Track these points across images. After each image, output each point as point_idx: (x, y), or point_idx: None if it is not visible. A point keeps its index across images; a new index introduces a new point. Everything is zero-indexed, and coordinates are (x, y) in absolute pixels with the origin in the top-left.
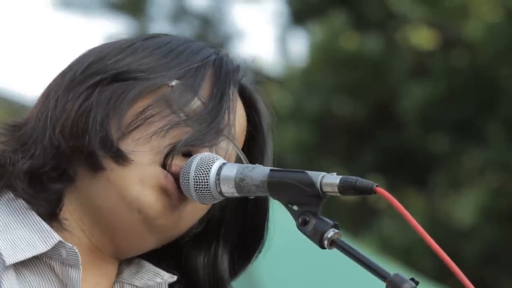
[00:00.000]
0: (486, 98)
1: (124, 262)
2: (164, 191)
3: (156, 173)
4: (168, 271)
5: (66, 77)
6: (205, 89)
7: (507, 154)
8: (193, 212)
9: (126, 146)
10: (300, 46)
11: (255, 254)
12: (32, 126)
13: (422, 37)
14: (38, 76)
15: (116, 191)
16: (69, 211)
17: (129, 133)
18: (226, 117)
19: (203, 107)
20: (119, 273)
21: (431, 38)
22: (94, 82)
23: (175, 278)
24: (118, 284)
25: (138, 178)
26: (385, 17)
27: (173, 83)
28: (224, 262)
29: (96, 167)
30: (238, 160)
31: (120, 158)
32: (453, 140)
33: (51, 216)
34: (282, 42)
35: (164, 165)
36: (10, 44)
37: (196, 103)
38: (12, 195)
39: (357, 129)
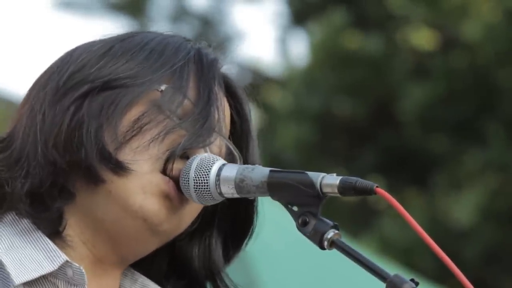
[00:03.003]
0: (486, 98)
1: (129, 280)
2: (166, 196)
3: (157, 180)
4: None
5: (47, 89)
6: (192, 88)
7: (507, 154)
8: (192, 212)
9: (125, 156)
10: (300, 46)
11: (246, 240)
12: (21, 142)
13: (422, 38)
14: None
15: (118, 202)
16: (70, 225)
17: (126, 142)
18: (216, 114)
19: (193, 107)
20: None
21: (431, 38)
22: (81, 93)
23: None
24: None
25: (140, 187)
26: (385, 17)
27: (163, 87)
28: (218, 250)
29: (95, 180)
30: (229, 154)
31: (120, 169)
32: (453, 141)
33: (55, 234)
34: (282, 42)
35: (163, 171)
36: (10, 45)
37: (186, 104)
38: (15, 215)
39: (357, 129)
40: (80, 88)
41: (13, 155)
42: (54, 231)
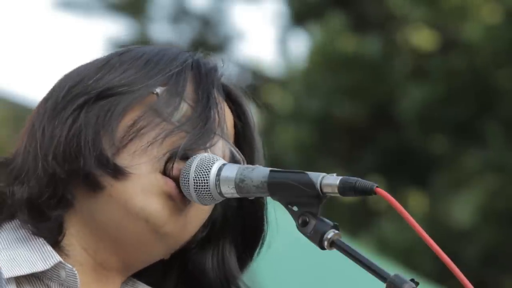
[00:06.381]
0: (485, 99)
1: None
2: (168, 196)
3: (157, 180)
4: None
5: (47, 105)
6: (189, 92)
7: (506, 155)
8: (198, 215)
9: (123, 160)
10: (300, 47)
11: (257, 249)
12: (22, 159)
13: (422, 38)
14: (39, 77)
15: (120, 206)
16: (71, 233)
17: (124, 147)
18: (217, 117)
19: (192, 110)
20: None
21: (430, 39)
22: (78, 104)
23: None
24: None
25: (140, 188)
26: (384, 18)
27: (158, 90)
28: (232, 260)
29: (95, 187)
30: (232, 157)
31: (118, 173)
32: (452, 141)
33: (54, 243)
34: (283, 43)
35: (164, 171)
36: (10, 45)
37: (184, 107)
38: (18, 223)
39: (357, 130)
40: (77, 100)
41: (13, 172)
42: (53, 241)
